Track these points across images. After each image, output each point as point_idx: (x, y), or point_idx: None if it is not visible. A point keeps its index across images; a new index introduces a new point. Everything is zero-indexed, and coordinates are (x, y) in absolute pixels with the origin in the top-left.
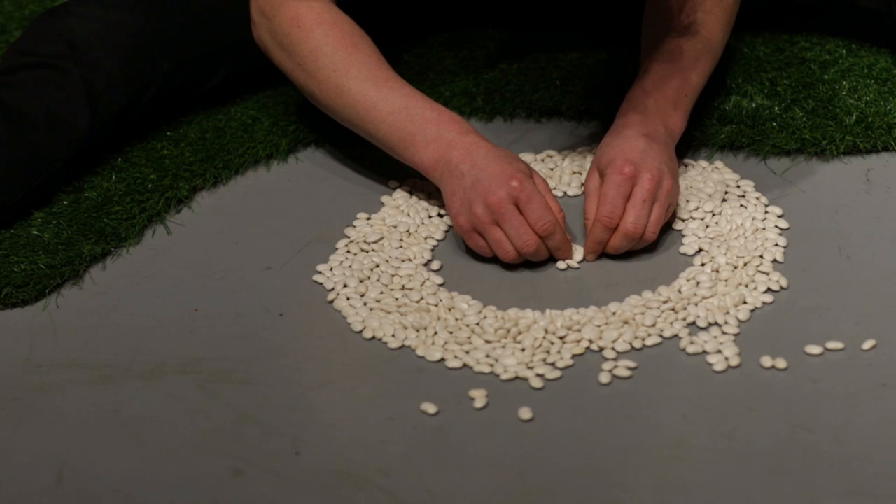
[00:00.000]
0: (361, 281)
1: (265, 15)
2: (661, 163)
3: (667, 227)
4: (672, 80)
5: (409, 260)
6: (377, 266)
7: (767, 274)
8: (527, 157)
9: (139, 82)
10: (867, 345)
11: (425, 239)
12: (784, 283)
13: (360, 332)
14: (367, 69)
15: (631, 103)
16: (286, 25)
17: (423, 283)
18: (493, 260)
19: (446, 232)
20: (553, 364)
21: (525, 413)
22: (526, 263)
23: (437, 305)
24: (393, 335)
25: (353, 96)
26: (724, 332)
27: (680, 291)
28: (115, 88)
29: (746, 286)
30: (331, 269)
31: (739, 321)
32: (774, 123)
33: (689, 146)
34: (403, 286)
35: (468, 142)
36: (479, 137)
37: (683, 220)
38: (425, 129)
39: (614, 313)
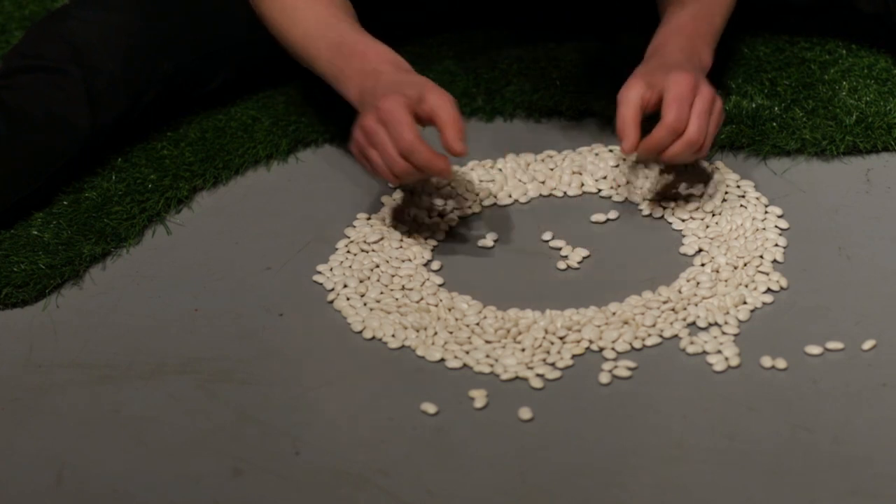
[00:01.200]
0: (361, 281)
1: None
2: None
3: (666, 227)
4: (702, 21)
5: (409, 260)
6: (377, 266)
7: (767, 274)
8: (527, 156)
9: (140, 84)
10: (867, 345)
11: (425, 239)
12: (784, 283)
13: (360, 332)
14: (328, 10)
15: (666, 37)
16: None
17: (423, 283)
18: (494, 260)
19: (446, 232)
20: (553, 364)
21: (525, 413)
22: (525, 263)
23: (437, 305)
24: (393, 335)
25: (302, 31)
26: (724, 332)
27: (680, 291)
28: (116, 90)
29: (746, 286)
30: (331, 269)
31: (739, 321)
32: (774, 123)
33: None
34: (403, 286)
35: (384, 71)
36: (395, 68)
37: (683, 221)
38: (352, 64)
39: (614, 313)
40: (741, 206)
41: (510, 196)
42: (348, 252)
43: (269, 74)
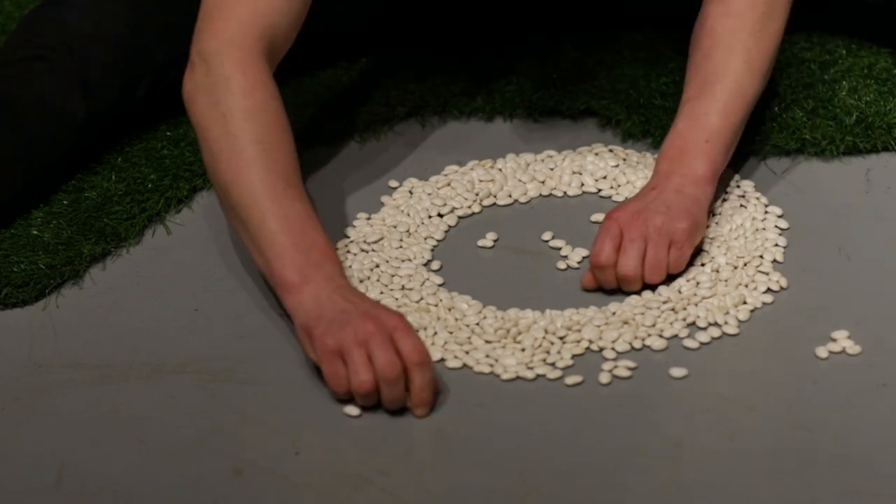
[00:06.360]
0: (361, 281)
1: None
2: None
3: None
4: (694, 124)
5: (409, 260)
6: (377, 266)
7: (767, 274)
8: (527, 156)
9: (133, 73)
10: (867, 345)
11: (425, 239)
12: (784, 283)
13: None
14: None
15: (662, 148)
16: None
17: (423, 283)
18: (493, 260)
19: (446, 232)
20: (553, 364)
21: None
22: (525, 263)
23: (437, 305)
24: None
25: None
26: (724, 333)
27: (680, 291)
28: (109, 78)
29: (746, 286)
30: None
31: (739, 321)
32: (774, 123)
33: None
34: (403, 286)
35: (344, 285)
36: (350, 287)
37: None
38: (318, 272)
39: (614, 313)
40: (741, 206)
41: (510, 196)
42: (348, 252)
43: None
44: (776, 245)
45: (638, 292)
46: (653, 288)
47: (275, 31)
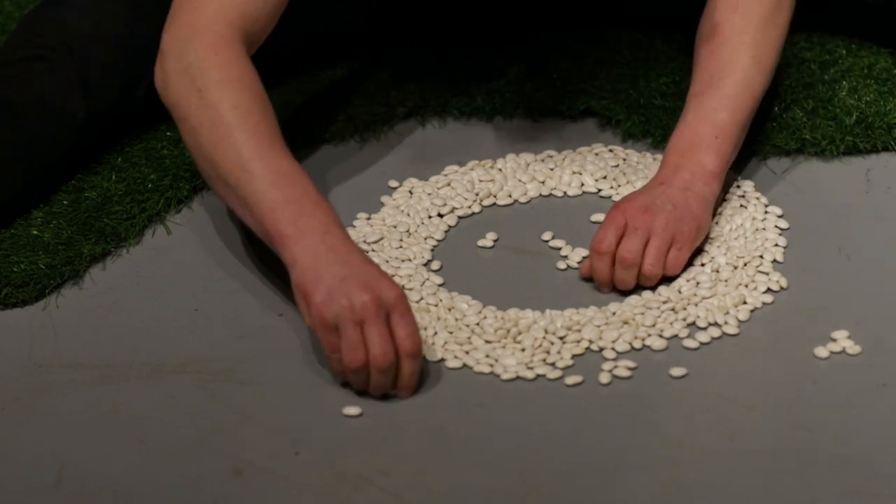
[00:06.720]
0: None
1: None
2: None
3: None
4: (702, 120)
5: (409, 260)
6: None
7: (767, 274)
8: (527, 156)
9: (133, 73)
10: (867, 345)
11: (425, 239)
12: (784, 283)
13: None
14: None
15: (669, 143)
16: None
17: (423, 283)
18: (493, 260)
19: (446, 232)
20: (553, 364)
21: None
22: (525, 263)
23: (436, 305)
24: None
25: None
26: (724, 333)
27: (680, 291)
28: (109, 78)
29: (746, 286)
30: None
31: (739, 321)
32: (774, 123)
33: None
34: (403, 286)
35: (343, 240)
36: (347, 239)
37: None
38: (311, 223)
39: (614, 313)
40: (741, 206)
41: (510, 196)
42: None
43: (262, 68)
44: (776, 245)
45: (637, 292)
46: (653, 288)
47: (250, 21)
